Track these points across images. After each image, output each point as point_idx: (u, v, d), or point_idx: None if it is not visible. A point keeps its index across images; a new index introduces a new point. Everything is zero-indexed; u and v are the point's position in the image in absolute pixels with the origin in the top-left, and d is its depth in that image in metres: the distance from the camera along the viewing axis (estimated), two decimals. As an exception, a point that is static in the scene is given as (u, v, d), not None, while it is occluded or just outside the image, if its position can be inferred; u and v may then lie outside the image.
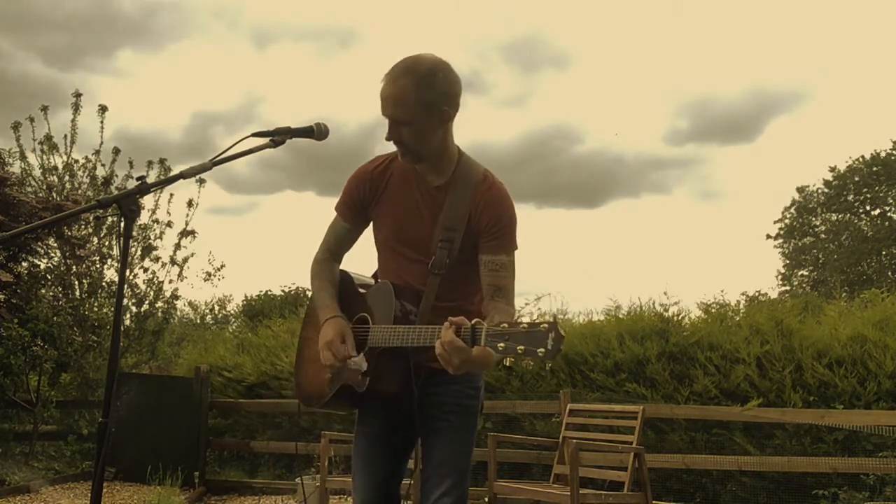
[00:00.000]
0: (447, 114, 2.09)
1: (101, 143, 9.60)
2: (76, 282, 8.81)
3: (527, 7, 34.87)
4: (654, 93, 38.60)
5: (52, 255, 8.56)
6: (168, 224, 9.65)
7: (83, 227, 8.94)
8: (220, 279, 10.34)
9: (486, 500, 5.05)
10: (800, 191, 28.84)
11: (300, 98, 30.76)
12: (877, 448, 5.36)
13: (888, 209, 27.21)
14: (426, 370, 2.09)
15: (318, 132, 2.09)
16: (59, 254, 8.57)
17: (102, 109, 9.72)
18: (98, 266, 9.06)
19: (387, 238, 2.24)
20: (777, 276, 28.71)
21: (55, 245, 8.42)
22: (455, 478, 2.12)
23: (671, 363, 6.23)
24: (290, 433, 7.37)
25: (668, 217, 38.09)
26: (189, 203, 9.72)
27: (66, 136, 9.48)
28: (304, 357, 2.38)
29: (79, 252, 8.47)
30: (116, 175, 9.50)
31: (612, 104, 36.53)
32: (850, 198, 27.54)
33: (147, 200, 9.31)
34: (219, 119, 34.26)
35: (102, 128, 9.68)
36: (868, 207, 27.71)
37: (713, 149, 40.38)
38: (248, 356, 8.22)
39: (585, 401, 5.95)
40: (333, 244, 2.33)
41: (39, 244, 8.09)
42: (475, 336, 1.75)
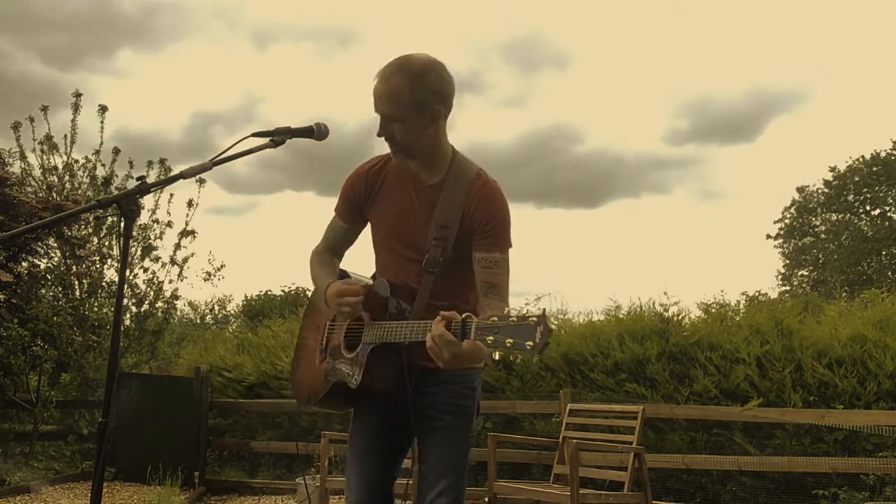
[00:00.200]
0: (439, 112, 2.10)
1: (101, 143, 9.63)
2: (76, 282, 8.80)
3: (527, 7, 34.92)
4: (654, 93, 38.68)
5: (52, 255, 8.57)
6: (168, 224, 9.67)
7: (83, 227, 8.93)
8: (220, 279, 10.36)
9: (486, 500, 5.04)
10: (800, 191, 28.89)
11: (300, 98, 30.82)
12: (877, 448, 5.36)
13: (888, 209, 27.22)
14: (419, 369, 2.09)
15: (318, 132, 2.10)
16: (59, 254, 8.57)
17: (102, 109, 9.73)
18: (98, 266, 9.06)
19: (383, 237, 2.25)
20: (777, 276, 28.78)
21: (55, 245, 8.42)
22: (452, 478, 2.12)
23: (671, 363, 6.23)
24: (290, 433, 7.37)
25: (668, 217, 38.18)
26: (189, 203, 9.74)
27: (66, 136, 9.49)
28: (301, 357, 2.39)
29: (79, 252, 8.47)
30: (116, 175, 9.52)
31: (612, 104, 36.62)
32: (850, 198, 27.54)
33: (147, 200, 9.31)
34: (219, 119, 34.32)
35: (102, 128, 9.71)
36: (868, 207, 27.71)
37: (713, 149, 40.44)
38: (248, 356, 8.22)
39: (585, 401, 5.94)
40: (332, 241, 2.35)
41: (39, 244, 8.09)
42: (465, 330, 1.76)
